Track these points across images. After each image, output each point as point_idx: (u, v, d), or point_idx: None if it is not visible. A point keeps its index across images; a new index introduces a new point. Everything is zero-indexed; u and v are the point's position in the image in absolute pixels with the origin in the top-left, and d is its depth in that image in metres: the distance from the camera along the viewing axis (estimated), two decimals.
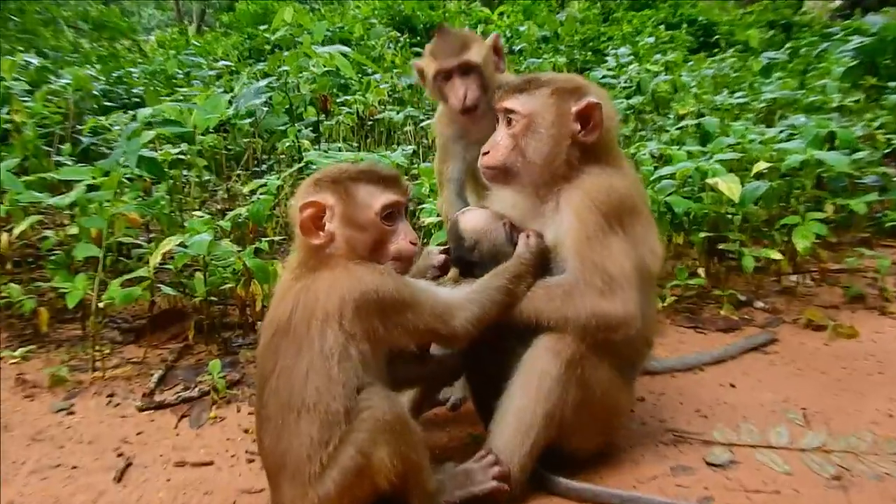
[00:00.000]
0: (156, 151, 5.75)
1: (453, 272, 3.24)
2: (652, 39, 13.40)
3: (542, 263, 2.98)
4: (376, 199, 2.83)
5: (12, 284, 4.66)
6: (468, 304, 2.85)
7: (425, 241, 5.87)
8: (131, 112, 6.05)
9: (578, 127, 3.02)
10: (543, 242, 3.01)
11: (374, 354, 2.71)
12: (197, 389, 4.04)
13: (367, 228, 2.81)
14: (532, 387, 2.92)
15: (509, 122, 3.07)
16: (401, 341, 2.77)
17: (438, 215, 5.03)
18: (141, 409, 3.88)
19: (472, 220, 3.17)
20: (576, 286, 2.88)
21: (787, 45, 12.97)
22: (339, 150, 6.01)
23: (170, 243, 4.28)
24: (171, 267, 4.77)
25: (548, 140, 3.02)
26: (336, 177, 2.86)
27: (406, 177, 6.17)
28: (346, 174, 2.86)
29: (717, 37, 15.05)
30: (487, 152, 3.10)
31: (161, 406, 3.91)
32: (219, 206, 6.96)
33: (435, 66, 3.59)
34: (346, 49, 6.21)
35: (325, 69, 6.82)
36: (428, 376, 3.30)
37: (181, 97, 7.58)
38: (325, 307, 2.65)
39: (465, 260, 3.15)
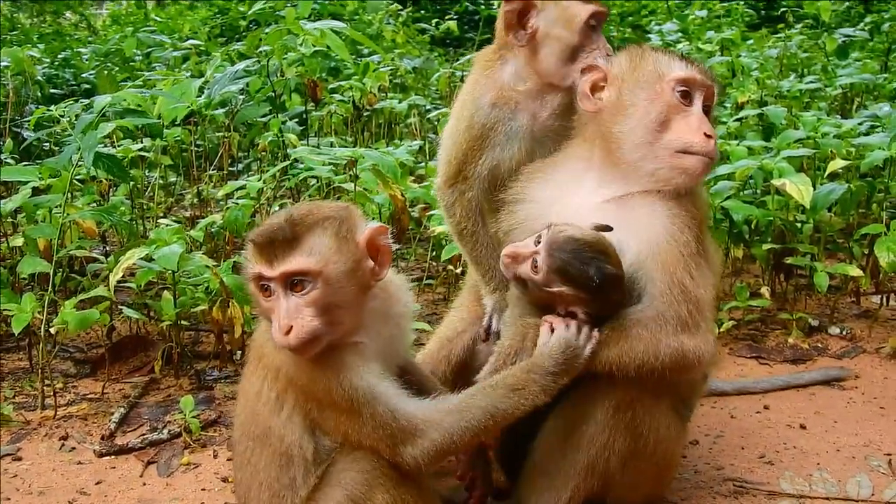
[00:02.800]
0: (113, 148, 5.83)
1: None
2: (704, 13, 13.44)
3: (567, 370, 2.84)
4: None
5: None
6: (435, 428, 2.66)
7: (434, 252, 5.93)
8: (84, 101, 6.11)
9: None
10: (579, 342, 2.83)
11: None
12: (166, 431, 4.09)
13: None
14: (572, 432, 2.95)
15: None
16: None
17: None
18: (100, 455, 3.92)
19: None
20: (659, 320, 2.89)
21: (867, 19, 13.00)
22: (332, 145, 6.06)
23: (133, 256, 4.32)
24: (133, 285, 4.83)
25: None
26: None
27: (411, 177, 6.24)
28: None
29: (782, 9, 15.06)
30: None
31: (124, 450, 3.95)
32: (187, 214, 7.03)
33: (592, 7, 3.34)
34: (339, 24, 6.25)
35: (314, 49, 6.87)
36: None
37: (143, 83, 7.65)
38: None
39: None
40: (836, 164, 5.17)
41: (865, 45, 11.08)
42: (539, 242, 2.92)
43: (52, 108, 5.47)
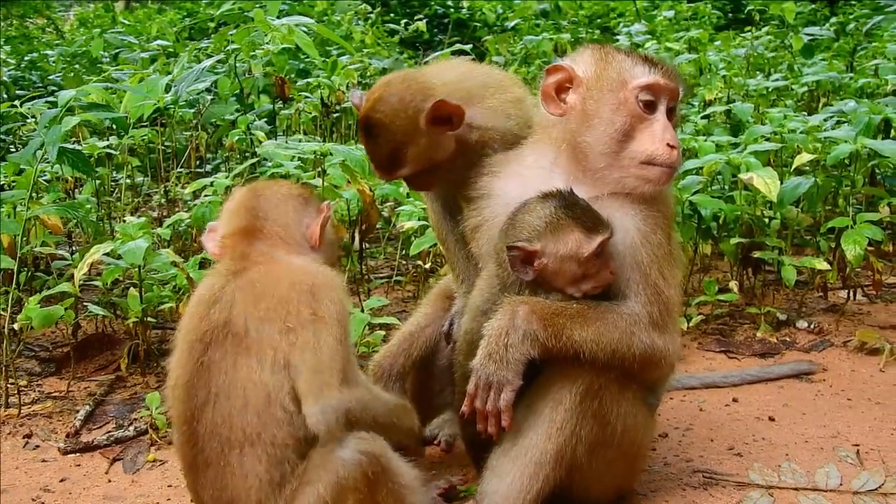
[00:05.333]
0: (79, 145, 5.78)
1: None
2: (671, 13, 13.51)
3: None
4: None
5: None
6: (361, 389, 2.74)
7: (403, 251, 5.92)
8: (49, 99, 6.06)
9: None
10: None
11: None
12: (132, 428, 4.05)
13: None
14: (541, 418, 2.94)
15: (671, 113, 3.09)
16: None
17: (421, 219, 5.09)
18: (65, 452, 3.87)
19: None
20: (634, 317, 2.93)
21: (833, 20, 13.13)
22: (300, 142, 6.02)
23: (98, 252, 4.28)
24: (99, 283, 4.78)
25: None
26: None
27: None
28: None
29: (748, 10, 15.19)
30: (674, 147, 3.03)
31: (89, 448, 3.90)
32: (155, 214, 6.97)
33: (376, 173, 3.44)
34: (308, 20, 6.24)
35: (282, 46, 6.84)
36: None
37: (107, 79, 7.58)
38: (281, 295, 2.68)
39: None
40: (803, 159, 5.19)
41: (831, 46, 11.17)
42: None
43: (17, 103, 5.40)
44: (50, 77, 10.82)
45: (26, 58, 11.76)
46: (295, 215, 2.97)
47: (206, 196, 5.36)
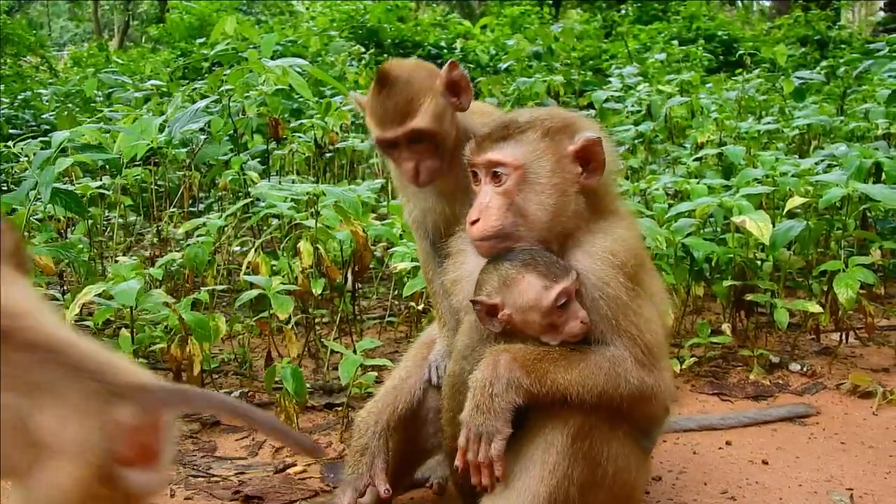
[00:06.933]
0: (72, 185, 5.79)
1: None
2: (663, 56, 13.64)
3: None
4: None
5: None
6: None
7: (396, 291, 5.92)
8: (43, 139, 6.07)
9: (579, 169, 3.06)
10: None
11: None
12: None
13: None
14: (533, 460, 2.92)
15: (496, 178, 3.04)
16: None
17: (413, 260, 5.09)
18: None
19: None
20: (618, 358, 2.92)
21: (823, 63, 13.26)
22: (293, 182, 6.06)
23: (89, 293, 4.28)
24: (90, 324, 4.77)
25: (551, 191, 3.00)
26: None
27: (373, 215, 6.25)
28: None
29: (740, 53, 15.35)
30: (476, 220, 3.02)
31: None
32: (147, 253, 6.98)
33: (376, 133, 3.40)
34: (302, 61, 6.27)
35: (276, 87, 6.89)
36: None
37: (101, 119, 7.62)
38: None
39: None
40: (795, 202, 5.22)
41: (822, 89, 11.28)
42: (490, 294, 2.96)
43: (10, 143, 5.42)
44: (43, 116, 10.88)
45: (20, 96, 11.81)
46: None
47: (198, 236, 5.37)
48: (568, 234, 3.03)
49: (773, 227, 4.93)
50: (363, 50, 14.73)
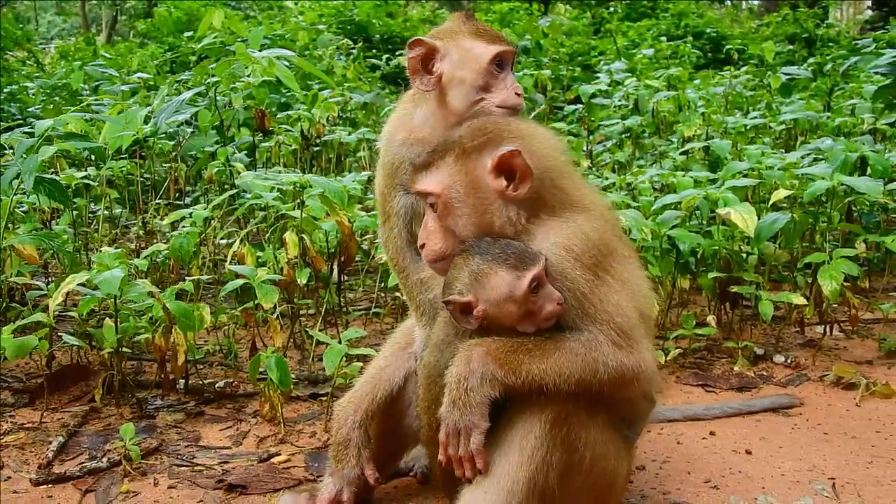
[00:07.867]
0: (57, 175, 5.77)
1: None
2: (651, 51, 13.66)
3: None
4: None
5: None
6: None
7: (382, 283, 5.92)
8: (27, 129, 6.04)
9: (504, 183, 3.09)
10: None
11: None
12: (105, 459, 4.00)
13: None
14: (512, 447, 2.93)
15: (433, 206, 3.13)
16: None
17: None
18: (36, 483, 3.82)
19: None
20: (593, 342, 2.92)
21: (811, 60, 13.31)
22: (279, 173, 6.04)
23: (73, 282, 4.26)
24: (74, 314, 4.76)
25: (471, 211, 3.07)
26: None
27: (359, 206, 6.24)
28: None
29: (728, 49, 15.39)
30: (424, 244, 3.14)
31: (61, 479, 3.86)
32: (133, 245, 6.96)
33: (495, 49, 3.38)
34: (289, 53, 6.25)
35: (263, 79, 6.87)
36: None
37: (86, 109, 7.59)
38: None
39: None
40: (780, 195, 5.24)
41: (809, 85, 11.32)
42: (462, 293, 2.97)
43: None
44: (29, 109, 10.83)
45: (5, 90, 11.76)
46: None
47: (184, 227, 5.35)
48: (517, 234, 3.07)
49: (759, 219, 4.95)
50: (352, 44, 14.70)
